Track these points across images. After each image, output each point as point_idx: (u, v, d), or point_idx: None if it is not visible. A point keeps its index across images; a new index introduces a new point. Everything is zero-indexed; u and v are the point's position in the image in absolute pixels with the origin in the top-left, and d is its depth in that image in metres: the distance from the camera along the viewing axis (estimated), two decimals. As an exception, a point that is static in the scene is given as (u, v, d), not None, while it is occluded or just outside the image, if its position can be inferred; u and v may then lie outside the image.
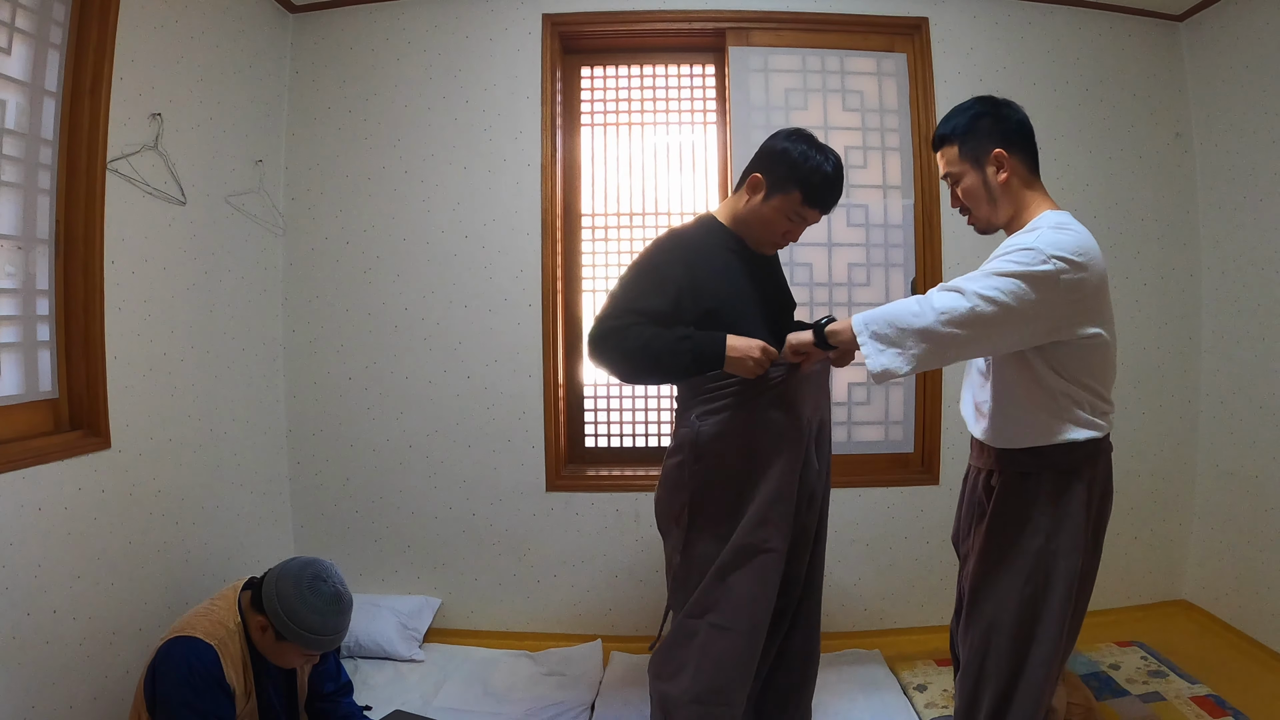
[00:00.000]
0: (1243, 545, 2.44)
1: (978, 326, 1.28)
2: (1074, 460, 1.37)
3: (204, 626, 1.50)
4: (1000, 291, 1.26)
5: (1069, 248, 1.28)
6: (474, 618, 2.60)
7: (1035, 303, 1.26)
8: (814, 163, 1.52)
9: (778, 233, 1.61)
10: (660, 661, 1.59)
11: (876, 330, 1.33)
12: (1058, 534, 1.36)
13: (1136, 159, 2.61)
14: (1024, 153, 1.41)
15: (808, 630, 1.68)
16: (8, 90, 1.59)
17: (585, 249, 2.71)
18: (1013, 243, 1.33)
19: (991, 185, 1.41)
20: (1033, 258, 1.27)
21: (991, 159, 1.40)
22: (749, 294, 1.61)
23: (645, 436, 2.70)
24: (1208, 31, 2.55)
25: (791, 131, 1.59)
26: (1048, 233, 1.31)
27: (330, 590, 1.54)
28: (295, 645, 1.51)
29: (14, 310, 1.64)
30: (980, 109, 1.43)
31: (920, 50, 2.54)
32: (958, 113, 1.45)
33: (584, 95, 2.72)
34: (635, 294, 1.53)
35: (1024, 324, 1.29)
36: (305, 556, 1.62)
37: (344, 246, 2.58)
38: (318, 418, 2.61)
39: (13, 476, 1.53)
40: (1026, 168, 1.42)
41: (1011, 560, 1.39)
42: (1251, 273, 2.42)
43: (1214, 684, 2.11)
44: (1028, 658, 1.37)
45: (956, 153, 1.44)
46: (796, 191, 1.54)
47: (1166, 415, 2.65)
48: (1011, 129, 1.41)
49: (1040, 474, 1.38)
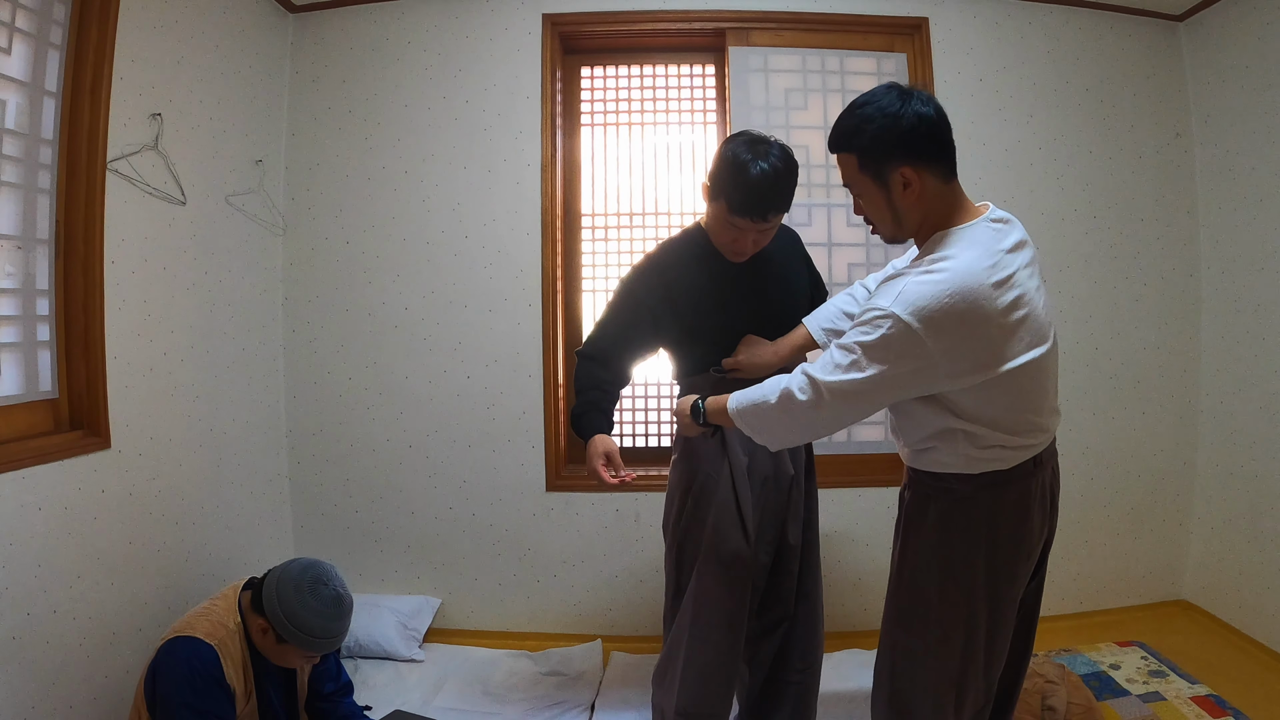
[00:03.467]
0: (1243, 545, 2.44)
1: (838, 408, 1.20)
2: (974, 488, 1.23)
3: (204, 627, 1.50)
4: (851, 374, 1.15)
5: (929, 299, 1.09)
6: (474, 618, 2.60)
7: (895, 375, 1.14)
8: (739, 170, 1.42)
9: (725, 240, 1.53)
10: (658, 671, 1.65)
11: (745, 419, 1.32)
12: (945, 564, 1.26)
13: (1136, 159, 2.61)
14: (934, 160, 1.19)
15: (806, 633, 1.69)
16: (8, 90, 1.59)
17: (585, 249, 2.71)
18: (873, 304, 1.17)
19: (896, 203, 1.21)
20: (886, 325, 1.12)
21: (896, 177, 1.19)
22: (731, 302, 1.60)
23: (645, 436, 2.70)
24: (1208, 31, 2.55)
25: (739, 134, 1.51)
26: (912, 284, 1.12)
27: (331, 593, 1.54)
28: (296, 647, 1.51)
29: (14, 310, 1.64)
30: (878, 117, 1.18)
31: (920, 50, 2.54)
32: (855, 118, 1.21)
33: (584, 95, 2.72)
34: (607, 325, 1.65)
35: (892, 392, 1.18)
36: (306, 558, 1.62)
37: (344, 246, 2.58)
38: (318, 418, 2.60)
39: (13, 476, 1.53)
40: (938, 176, 1.20)
41: (900, 581, 1.33)
42: (1251, 273, 2.42)
43: (1214, 684, 2.11)
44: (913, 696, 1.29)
45: (856, 165, 1.22)
46: (724, 201, 1.46)
47: (1166, 415, 2.65)
48: (918, 136, 1.17)
49: (937, 497, 1.27)
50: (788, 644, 1.69)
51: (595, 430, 1.56)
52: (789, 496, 1.61)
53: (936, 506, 1.27)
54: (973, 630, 1.26)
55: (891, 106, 1.18)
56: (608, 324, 1.65)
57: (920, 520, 1.30)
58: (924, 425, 1.24)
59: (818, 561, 1.73)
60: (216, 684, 1.46)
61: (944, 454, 1.23)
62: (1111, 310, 2.61)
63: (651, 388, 2.69)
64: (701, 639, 1.55)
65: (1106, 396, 2.61)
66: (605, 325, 1.66)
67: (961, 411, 1.19)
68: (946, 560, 1.26)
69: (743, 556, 1.53)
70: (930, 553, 1.28)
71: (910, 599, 1.31)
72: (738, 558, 1.53)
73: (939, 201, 1.22)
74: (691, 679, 1.55)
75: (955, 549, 1.25)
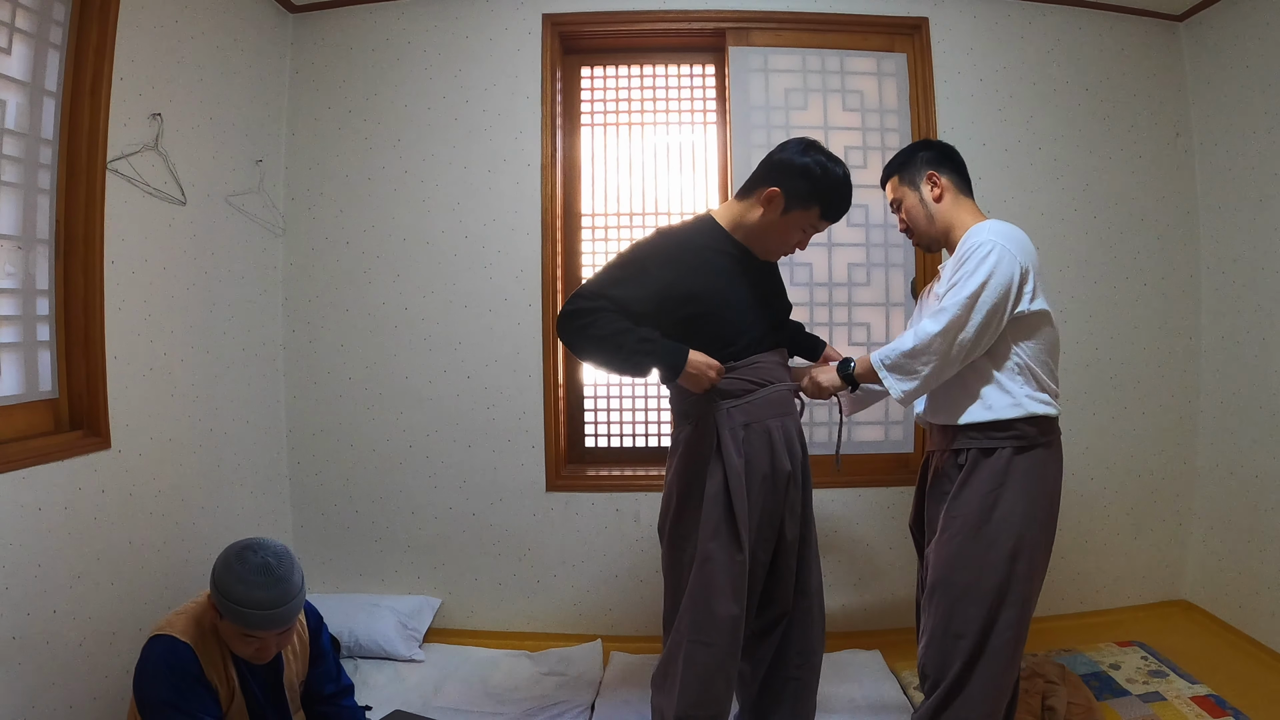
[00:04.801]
0: (1243, 545, 2.44)
1: (967, 321, 1.47)
2: (1031, 434, 1.51)
3: (180, 624, 1.46)
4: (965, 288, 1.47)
5: (1000, 233, 1.50)
6: (474, 618, 2.60)
7: (998, 283, 1.46)
8: (833, 179, 1.54)
9: (791, 244, 1.63)
10: (658, 674, 1.64)
11: (889, 363, 1.54)
12: (1019, 503, 1.49)
13: (1136, 159, 2.61)
14: (954, 173, 1.65)
15: (805, 630, 1.69)
16: (8, 90, 1.59)
17: (585, 249, 2.71)
18: (956, 259, 1.54)
19: (927, 202, 1.64)
20: (984, 250, 1.48)
21: (925, 180, 1.65)
22: (746, 299, 1.61)
23: (645, 436, 2.70)
24: (1208, 31, 2.55)
25: (807, 144, 1.58)
26: (980, 231, 1.53)
27: (259, 560, 1.43)
28: (235, 625, 1.42)
29: (14, 310, 1.64)
30: (915, 147, 1.70)
31: (920, 50, 2.54)
32: (899, 154, 1.72)
33: (584, 95, 2.72)
34: (613, 281, 1.53)
35: (998, 298, 1.46)
36: (246, 538, 1.52)
37: (344, 246, 2.58)
38: (318, 418, 2.60)
39: (13, 476, 1.53)
40: (957, 186, 1.65)
41: (980, 530, 1.50)
42: (1251, 273, 2.42)
43: (1214, 684, 2.11)
44: (997, 620, 1.49)
45: (897, 180, 1.70)
46: (817, 207, 1.56)
47: (1166, 415, 2.65)
48: (941, 156, 1.66)
49: (1001, 448, 1.51)
50: (786, 641, 1.69)
51: (677, 348, 1.49)
52: (786, 493, 1.61)
53: (1000, 456, 1.51)
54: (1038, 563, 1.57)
55: (922, 143, 1.71)
56: (609, 277, 1.54)
57: (984, 471, 1.52)
58: (987, 371, 1.53)
59: (816, 556, 1.73)
60: (196, 681, 1.42)
61: (1008, 396, 1.51)
62: (1111, 310, 2.61)
63: (651, 387, 2.69)
64: (702, 642, 1.54)
65: (1106, 396, 2.62)
66: (606, 278, 1.54)
67: (1021, 347, 1.51)
68: (1016, 502, 1.50)
69: (741, 558, 1.53)
70: (1010, 497, 1.50)
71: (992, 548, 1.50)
72: (736, 559, 1.53)
73: (959, 210, 1.63)
74: (692, 682, 1.54)
75: (1028, 489, 1.51)
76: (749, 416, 1.58)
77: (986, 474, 1.51)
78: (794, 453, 1.64)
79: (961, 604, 1.51)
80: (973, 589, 1.50)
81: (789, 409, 1.66)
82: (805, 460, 1.69)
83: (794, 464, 1.63)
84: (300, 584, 1.49)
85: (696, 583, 1.55)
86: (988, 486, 1.50)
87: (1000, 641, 1.49)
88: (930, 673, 1.56)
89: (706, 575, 1.54)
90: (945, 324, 1.46)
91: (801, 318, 2.53)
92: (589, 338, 1.51)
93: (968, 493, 1.52)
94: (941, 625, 1.53)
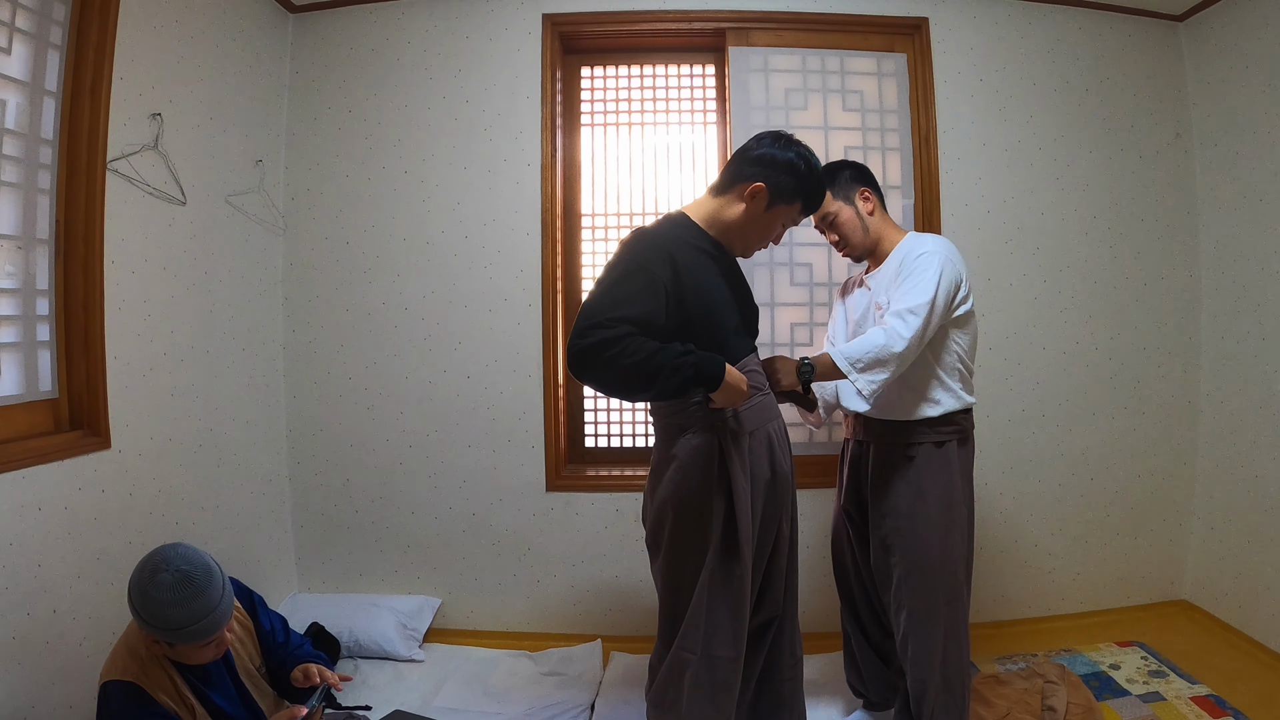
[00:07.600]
0: (1243, 545, 2.44)
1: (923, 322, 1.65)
2: (966, 426, 1.80)
3: (120, 664, 1.42)
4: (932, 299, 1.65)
5: (940, 244, 1.74)
6: (474, 618, 2.60)
7: (947, 285, 1.68)
8: (816, 173, 1.56)
9: (769, 239, 1.62)
10: (659, 692, 1.58)
11: (861, 365, 1.65)
12: (965, 487, 1.79)
13: (1136, 159, 2.61)
14: (876, 190, 1.87)
15: (792, 628, 1.70)
16: (8, 90, 1.59)
17: (585, 249, 2.71)
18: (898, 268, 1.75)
19: (863, 215, 1.84)
20: (929, 258, 1.69)
21: (859, 195, 1.84)
22: (728, 298, 1.55)
23: (645, 436, 2.70)
24: (1208, 31, 2.55)
25: (785, 139, 1.55)
26: (920, 241, 1.76)
27: (171, 577, 1.36)
28: (189, 644, 1.39)
29: (14, 310, 1.64)
30: (839, 165, 1.88)
31: (920, 50, 2.54)
32: (826, 170, 1.77)
33: (584, 95, 2.72)
34: (625, 298, 1.36)
35: (946, 297, 1.67)
36: (149, 554, 1.43)
37: (344, 246, 2.58)
38: (318, 418, 2.61)
39: (13, 476, 1.53)
40: (881, 202, 1.89)
41: (945, 514, 1.74)
42: (1251, 273, 2.42)
43: (1214, 684, 2.11)
44: (967, 585, 1.80)
45: (831, 196, 1.83)
46: (799, 201, 1.56)
47: (1166, 415, 2.65)
48: (864, 174, 1.87)
49: (949, 441, 1.76)
50: (778, 643, 1.68)
51: (713, 359, 1.39)
52: (784, 496, 1.61)
53: (944, 448, 1.76)
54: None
55: (845, 162, 1.91)
56: (616, 294, 1.38)
57: (934, 461, 1.76)
58: (926, 373, 1.75)
59: (796, 554, 1.71)
60: (153, 716, 1.38)
61: (943, 394, 1.76)
62: (1111, 310, 2.61)
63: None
64: (709, 663, 1.50)
65: (1106, 396, 2.62)
66: (613, 297, 1.38)
67: (950, 352, 1.76)
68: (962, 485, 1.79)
69: (743, 571, 1.50)
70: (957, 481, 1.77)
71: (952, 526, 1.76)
72: (739, 574, 1.50)
73: (885, 225, 1.87)
74: (699, 701, 1.50)
75: (967, 473, 1.82)
76: (751, 424, 1.54)
77: (940, 464, 1.75)
78: (786, 452, 1.63)
79: (939, 576, 1.73)
80: (947, 563, 1.74)
81: (778, 410, 1.65)
82: (784, 461, 1.67)
83: (789, 464, 1.63)
84: (222, 575, 1.45)
85: (701, 600, 1.50)
86: (943, 475, 1.75)
87: (967, 601, 1.80)
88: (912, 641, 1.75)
89: (712, 592, 1.50)
90: (917, 328, 1.62)
91: (801, 318, 2.55)
92: (621, 368, 1.32)
93: (926, 482, 1.75)
94: (928, 599, 1.74)
